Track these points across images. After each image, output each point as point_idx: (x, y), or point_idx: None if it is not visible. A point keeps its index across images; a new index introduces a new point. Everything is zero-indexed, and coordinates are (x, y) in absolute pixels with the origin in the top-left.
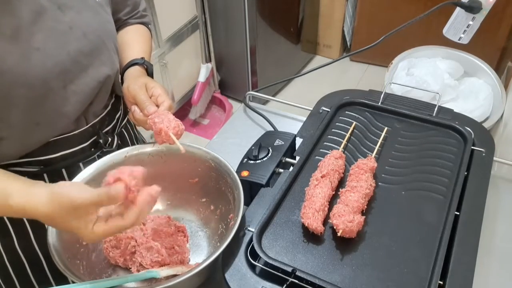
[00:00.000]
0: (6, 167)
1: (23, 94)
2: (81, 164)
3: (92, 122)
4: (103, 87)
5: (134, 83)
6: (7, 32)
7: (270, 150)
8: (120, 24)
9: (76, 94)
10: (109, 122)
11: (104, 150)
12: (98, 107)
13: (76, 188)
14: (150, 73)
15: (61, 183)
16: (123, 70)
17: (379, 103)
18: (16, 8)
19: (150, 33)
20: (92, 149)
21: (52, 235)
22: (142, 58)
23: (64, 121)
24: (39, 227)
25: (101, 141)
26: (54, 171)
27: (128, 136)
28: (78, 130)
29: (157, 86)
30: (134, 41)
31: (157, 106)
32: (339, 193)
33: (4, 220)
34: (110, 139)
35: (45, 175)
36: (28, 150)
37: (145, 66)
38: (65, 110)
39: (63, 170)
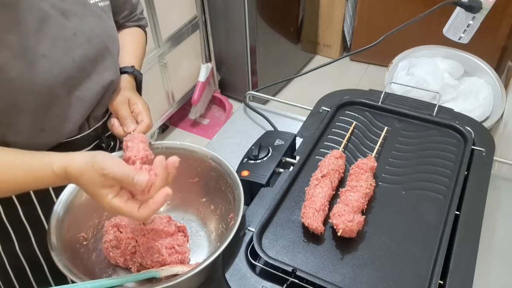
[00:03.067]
0: None
1: (30, 101)
2: None
3: (95, 126)
4: (107, 92)
5: (118, 96)
6: (13, 39)
7: (270, 150)
8: (117, 27)
9: (81, 100)
10: None
11: None
12: (100, 111)
13: (111, 159)
14: (138, 82)
15: (101, 152)
16: None
17: (379, 103)
18: (21, 16)
19: (145, 36)
20: None
21: (52, 235)
22: (132, 66)
23: (68, 127)
24: (40, 230)
25: (103, 145)
26: None
27: None
28: (81, 135)
29: (139, 103)
30: (127, 43)
31: (137, 123)
32: (339, 193)
33: (5, 224)
34: (112, 142)
35: None
36: None
37: (135, 75)
38: (70, 116)
39: None
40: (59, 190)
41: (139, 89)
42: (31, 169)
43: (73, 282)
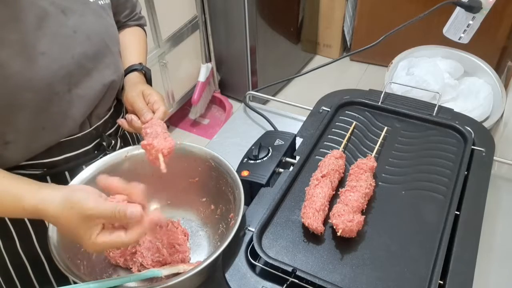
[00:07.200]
0: (10, 170)
1: (30, 98)
2: (84, 167)
3: (96, 125)
4: (108, 91)
5: (132, 90)
6: (12, 37)
7: (270, 150)
8: (119, 26)
9: (82, 98)
10: (112, 125)
11: (107, 152)
12: (102, 110)
13: (91, 197)
14: (148, 78)
15: (74, 187)
16: None
17: (379, 103)
18: (20, 13)
19: (145, 34)
20: (95, 152)
21: (52, 234)
22: (140, 63)
23: (69, 125)
24: (41, 229)
25: (104, 143)
26: (58, 173)
27: (131, 138)
28: (82, 133)
29: (153, 93)
30: (131, 43)
31: (154, 112)
32: (339, 193)
33: (6, 222)
34: (113, 141)
35: (48, 177)
36: (34, 154)
37: (144, 72)
38: (71, 114)
39: (66, 173)
40: None
41: (149, 85)
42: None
43: (75, 282)
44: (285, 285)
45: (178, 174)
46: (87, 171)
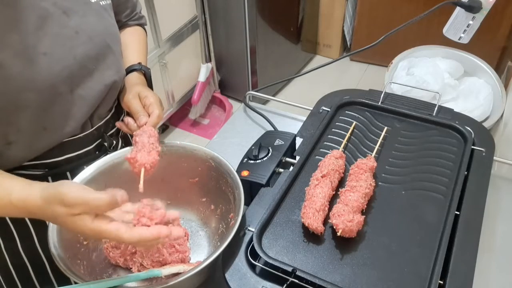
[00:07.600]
0: (11, 170)
1: (32, 99)
2: (85, 167)
3: (97, 125)
4: (110, 91)
5: (129, 92)
6: (13, 38)
7: (270, 150)
8: (119, 26)
9: (83, 98)
10: (114, 125)
11: (109, 153)
12: (103, 110)
13: (69, 185)
14: (148, 77)
15: (61, 181)
16: None
17: (379, 103)
18: (21, 14)
19: (146, 33)
20: (97, 152)
21: (52, 235)
22: (139, 63)
23: (71, 125)
24: (42, 229)
25: (105, 144)
26: (59, 174)
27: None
28: (83, 133)
29: (150, 95)
30: (132, 43)
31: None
32: (339, 193)
33: (7, 223)
34: (114, 142)
35: (49, 178)
36: (36, 154)
37: (143, 71)
38: (72, 114)
39: (68, 173)
40: None
41: (149, 84)
42: None
43: (75, 282)
44: (285, 285)
45: (178, 174)
46: (87, 171)
